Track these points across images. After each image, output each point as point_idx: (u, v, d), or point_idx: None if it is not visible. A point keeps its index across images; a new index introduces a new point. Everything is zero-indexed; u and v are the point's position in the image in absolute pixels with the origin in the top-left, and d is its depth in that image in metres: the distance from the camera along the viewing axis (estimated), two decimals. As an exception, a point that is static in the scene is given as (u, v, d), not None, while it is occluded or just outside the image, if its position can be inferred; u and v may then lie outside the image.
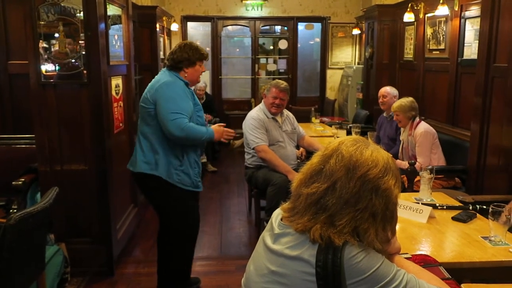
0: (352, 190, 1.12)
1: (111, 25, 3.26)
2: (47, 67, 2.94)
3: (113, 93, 3.28)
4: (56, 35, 2.93)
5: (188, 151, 2.66)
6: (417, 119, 3.78)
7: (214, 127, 2.73)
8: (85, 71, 2.95)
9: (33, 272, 2.22)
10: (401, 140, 3.94)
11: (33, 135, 3.06)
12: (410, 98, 3.83)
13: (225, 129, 2.76)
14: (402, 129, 3.93)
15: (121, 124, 3.48)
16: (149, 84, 2.67)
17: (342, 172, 1.13)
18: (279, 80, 3.79)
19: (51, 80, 2.95)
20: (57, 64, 2.94)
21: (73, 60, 2.95)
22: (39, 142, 3.00)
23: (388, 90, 4.40)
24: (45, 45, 2.90)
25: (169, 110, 2.50)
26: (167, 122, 2.50)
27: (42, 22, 2.88)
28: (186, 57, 2.65)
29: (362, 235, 1.12)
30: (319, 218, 1.13)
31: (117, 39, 3.43)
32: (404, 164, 3.57)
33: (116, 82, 3.37)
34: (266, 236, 1.26)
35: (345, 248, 1.09)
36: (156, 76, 2.72)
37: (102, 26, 2.98)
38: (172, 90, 2.55)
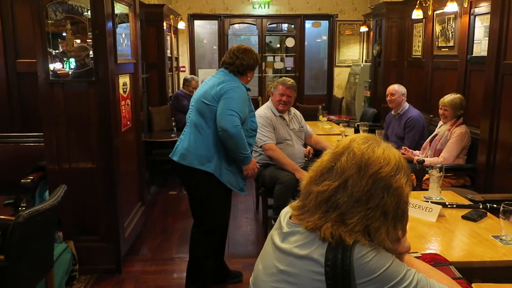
0: (364, 188, 1.10)
1: (119, 23, 3.26)
2: (56, 66, 2.95)
3: (121, 91, 3.28)
4: (64, 34, 2.94)
5: None
6: (461, 118, 3.73)
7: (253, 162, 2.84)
8: (92, 70, 2.95)
9: (41, 270, 2.23)
10: (437, 131, 3.89)
11: (41, 133, 3.07)
12: (460, 95, 3.79)
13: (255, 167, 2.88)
14: (440, 122, 3.89)
15: (128, 123, 3.49)
16: (209, 83, 2.76)
17: (354, 170, 1.12)
18: (286, 78, 3.79)
19: (59, 79, 2.96)
20: (75, 60, 2.94)
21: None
22: (47, 140, 3.01)
23: (396, 88, 4.36)
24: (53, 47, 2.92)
25: (229, 107, 2.61)
26: (223, 115, 2.60)
27: (50, 21, 2.89)
28: (252, 63, 2.82)
29: (373, 234, 1.11)
30: (330, 216, 1.12)
31: (124, 38, 3.43)
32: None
33: (124, 80, 3.38)
34: (274, 234, 1.25)
35: (354, 247, 1.08)
36: (216, 75, 2.81)
37: (109, 24, 2.98)
38: (237, 93, 2.68)
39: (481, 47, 4.06)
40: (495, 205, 2.29)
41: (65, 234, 3.08)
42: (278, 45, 9.40)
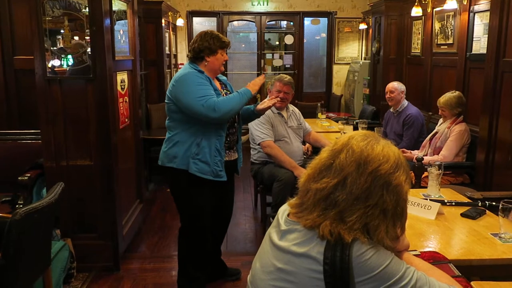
0: (363, 186, 1.09)
1: (117, 20, 3.24)
2: (54, 63, 2.93)
3: (119, 88, 3.27)
4: (62, 30, 2.92)
5: (211, 139, 2.60)
6: (462, 116, 3.72)
7: (248, 85, 2.68)
8: (90, 66, 2.94)
9: (39, 267, 2.22)
10: (436, 129, 3.88)
11: (39, 131, 3.05)
12: (457, 93, 3.75)
13: (254, 81, 2.72)
14: (441, 120, 3.88)
15: (126, 120, 3.48)
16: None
17: (353, 167, 1.11)
18: (283, 74, 3.78)
19: (57, 76, 2.94)
20: (72, 58, 2.93)
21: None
22: (45, 137, 3.00)
23: (395, 85, 4.35)
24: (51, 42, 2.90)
25: (194, 98, 2.48)
26: (199, 109, 2.47)
27: (48, 18, 2.87)
28: (207, 45, 2.64)
29: (373, 232, 1.10)
30: (329, 214, 1.11)
31: (122, 34, 3.41)
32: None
33: (122, 77, 3.36)
34: (272, 232, 1.24)
35: (353, 245, 1.07)
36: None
37: (107, 21, 2.96)
38: (186, 83, 2.54)
39: (480, 44, 4.05)
40: (494, 203, 2.28)
41: (63, 232, 3.07)
42: (277, 42, 9.38)
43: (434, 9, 5.03)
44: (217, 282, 3.06)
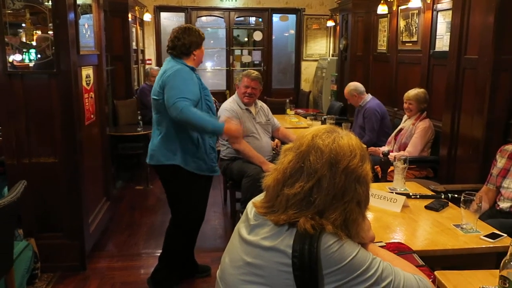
0: (339, 185, 1.11)
1: (81, 14, 3.16)
2: (15, 57, 2.83)
3: (84, 83, 3.19)
4: (23, 24, 2.83)
5: (204, 137, 2.71)
6: (425, 112, 3.81)
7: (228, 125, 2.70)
8: (53, 61, 2.85)
9: (0, 269, 2.15)
10: (402, 126, 3.96)
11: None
12: (423, 90, 3.87)
13: (233, 130, 2.72)
14: (405, 116, 3.97)
15: (92, 116, 3.40)
16: (157, 77, 2.71)
17: (326, 168, 1.12)
18: (251, 70, 3.79)
19: (18, 70, 2.84)
20: (35, 51, 2.84)
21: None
22: (6, 134, 2.90)
23: (349, 91, 4.55)
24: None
25: (172, 96, 2.53)
26: (169, 106, 2.54)
27: (8, 11, 2.77)
28: (195, 40, 2.75)
29: (351, 225, 1.12)
30: (306, 212, 1.12)
31: (87, 29, 3.33)
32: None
33: (87, 72, 3.28)
34: (241, 227, 1.24)
35: (321, 238, 1.08)
36: (162, 67, 2.76)
37: (71, 15, 2.89)
38: (178, 79, 2.59)
39: (443, 42, 4.17)
40: (456, 195, 2.36)
41: (26, 231, 2.98)
42: (246, 39, 9.37)
43: (399, 7, 5.14)
44: (187, 279, 3.04)
